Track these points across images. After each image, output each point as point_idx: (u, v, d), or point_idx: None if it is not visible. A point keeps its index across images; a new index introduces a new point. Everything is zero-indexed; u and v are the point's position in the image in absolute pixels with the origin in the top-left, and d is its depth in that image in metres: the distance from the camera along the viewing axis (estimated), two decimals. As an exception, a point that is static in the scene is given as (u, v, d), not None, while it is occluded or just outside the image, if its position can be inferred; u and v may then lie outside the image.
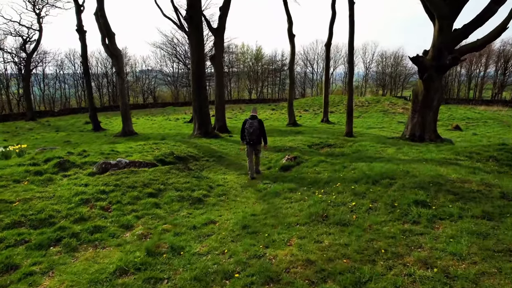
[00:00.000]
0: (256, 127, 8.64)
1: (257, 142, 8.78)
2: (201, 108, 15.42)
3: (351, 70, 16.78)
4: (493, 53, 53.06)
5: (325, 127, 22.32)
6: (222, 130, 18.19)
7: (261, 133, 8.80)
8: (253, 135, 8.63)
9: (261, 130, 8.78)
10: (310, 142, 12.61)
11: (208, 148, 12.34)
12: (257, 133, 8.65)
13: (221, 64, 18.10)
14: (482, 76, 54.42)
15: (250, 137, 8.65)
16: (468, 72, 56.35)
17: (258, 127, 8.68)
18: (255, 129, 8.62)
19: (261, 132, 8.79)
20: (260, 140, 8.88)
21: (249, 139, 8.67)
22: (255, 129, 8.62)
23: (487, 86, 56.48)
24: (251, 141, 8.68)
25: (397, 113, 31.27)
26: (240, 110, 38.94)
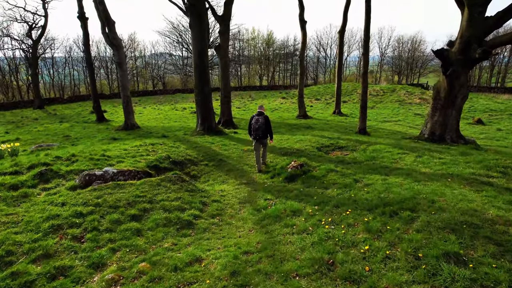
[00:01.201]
0: (262, 123, 9.09)
1: (263, 137, 9.22)
2: (204, 103, 14.49)
3: (366, 62, 15.49)
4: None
5: (337, 120, 21.16)
6: (227, 125, 17.27)
7: (266, 129, 9.20)
8: (258, 131, 9.09)
9: (267, 126, 9.19)
10: (319, 143, 11.59)
11: (209, 149, 11.47)
12: (262, 128, 9.08)
13: (226, 55, 17.01)
14: (506, 62, 51.57)
15: (256, 132, 9.12)
16: (491, 59, 53.48)
17: (264, 123, 9.11)
18: (260, 125, 9.07)
19: (266, 128, 9.19)
20: (266, 135, 9.29)
21: (255, 134, 9.14)
22: (261, 125, 9.08)
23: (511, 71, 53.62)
24: (257, 136, 9.13)
25: (413, 103, 29.72)
26: (250, 99, 37.85)
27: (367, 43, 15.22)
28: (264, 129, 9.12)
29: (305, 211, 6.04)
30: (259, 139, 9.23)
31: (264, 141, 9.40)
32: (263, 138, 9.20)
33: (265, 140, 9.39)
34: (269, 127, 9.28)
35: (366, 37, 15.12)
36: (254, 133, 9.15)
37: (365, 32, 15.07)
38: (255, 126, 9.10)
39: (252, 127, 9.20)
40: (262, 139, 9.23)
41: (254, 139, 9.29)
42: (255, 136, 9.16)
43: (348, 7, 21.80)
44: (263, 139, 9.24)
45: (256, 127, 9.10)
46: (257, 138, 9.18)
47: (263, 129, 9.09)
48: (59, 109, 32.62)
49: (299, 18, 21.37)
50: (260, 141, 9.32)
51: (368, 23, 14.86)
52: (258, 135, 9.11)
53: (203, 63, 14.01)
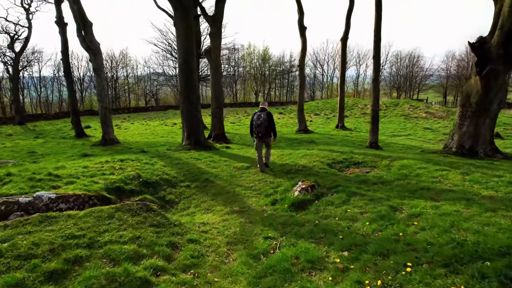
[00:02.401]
0: (264, 119, 8.34)
1: (265, 135, 8.47)
2: (190, 113, 12.35)
3: (377, 66, 13.57)
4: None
5: (341, 135, 19.09)
6: (219, 139, 15.11)
7: (269, 126, 8.42)
8: (260, 127, 8.35)
9: (269, 122, 8.39)
10: (329, 158, 9.42)
11: (193, 167, 9.24)
12: (265, 125, 8.33)
13: (218, 60, 15.06)
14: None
15: (257, 129, 8.39)
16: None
17: (267, 119, 8.35)
18: (262, 121, 8.32)
19: (269, 124, 8.40)
20: (269, 133, 8.53)
21: (257, 131, 8.42)
22: (263, 121, 8.32)
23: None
24: (259, 133, 8.41)
25: (419, 117, 27.87)
26: (245, 114, 35.88)
27: (378, 44, 13.33)
28: (267, 125, 8.35)
29: (330, 262, 3.82)
30: (261, 137, 8.50)
31: (267, 140, 8.65)
32: (265, 136, 8.49)
33: (268, 139, 8.64)
34: (272, 124, 8.48)
35: (376, 38, 13.25)
36: (256, 130, 8.44)
37: (375, 31, 13.22)
38: (257, 122, 8.38)
39: (253, 123, 8.47)
40: (265, 137, 8.51)
41: (256, 137, 8.59)
42: (257, 133, 8.45)
43: (351, 12, 20.17)
44: (265, 137, 8.52)
45: (258, 123, 8.37)
46: (259, 136, 8.46)
47: (265, 125, 8.33)
48: (41, 126, 30.34)
49: (298, 24, 19.66)
50: (263, 140, 8.60)
51: (379, 21, 13.04)
52: (260, 132, 8.37)
53: (190, 66, 11.97)
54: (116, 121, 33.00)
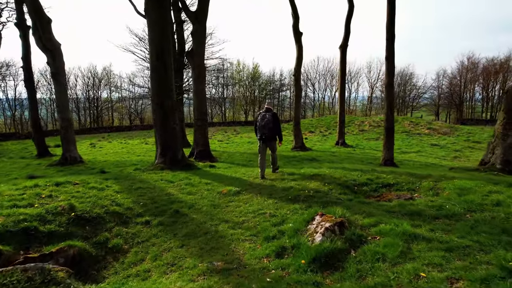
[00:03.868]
0: (269, 119, 7.65)
1: (270, 138, 7.78)
2: (165, 123, 9.84)
3: (391, 69, 11.41)
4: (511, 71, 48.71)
5: (344, 152, 16.73)
6: (202, 157, 12.55)
7: (274, 128, 7.71)
8: (264, 129, 7.68)
9: (275, 123, 7.71)
10: (348, 178, 6.95)
11: (161, 192, 6.65)
12: (269, 126, 7.63)
13: (202, 63, 12.72)
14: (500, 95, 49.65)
15: (261, 130, 7.76)
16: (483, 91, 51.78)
17: (271, 120, 7.65)
18: (267, 121, 7.64)
19: (274, 126, 7.70)
20: (274, 136, 7.82)
21: (261, 133, 7.77)
22: (268, 122, 7.63)
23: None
24: (263, 135, 7.74)
25: (422, 134, 25.89)
26: (234, 132, 33.49)
27: (391, 42, 11.22)
28: (272, 127, 7.68)
29: None
30: (266, 139, 7.83)
31: (272, 143, 7.98)
32: (270, 138, 7.82)
33: (273, 142, 7.96)
34: (277, 125, 7.82)
35: (389, 35, 11.15)
36: (259, 131, 7.85)
37: (388, 27, 11.15)
38: (260, 123, 7.80)
39: (257, 124, 7.91)
40: (269, 140, 7.85)
41: (259, 140, 7.97)
42: (260, 135, 7.83)
43: (351, 16, 18.29)
44: (270, 140, 7.86)
45: (262, 124, 7.76)
46: (263, 138, 7.83)
47: (270, 126, 7.66)
48: (7, 145, 27.31)
49: (293, 29, 17.65)
50: (267, 143, 7.93)
51: (392, 14, 10.99)
52: (264, 133, 7.74)
53: (164, 62, 9.55)
54: (93, 139, 30.25)
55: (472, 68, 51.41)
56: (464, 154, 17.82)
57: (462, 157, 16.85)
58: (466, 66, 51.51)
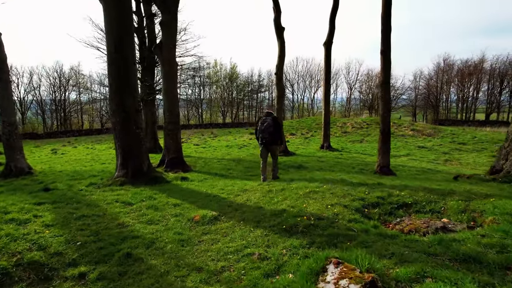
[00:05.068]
0: (269, 124, 7.62)
1: (271, 142, 7.72)
2: (126, 127, 8.15)
3: (387, 64, 10.19)
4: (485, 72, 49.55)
5: (331, 157, 15.45)
6: (174, 166, 10.87)
7: (275, 132, 7.65)
8: (265, 133, 7.66)
9: (275, 128, 7.64)
10: (354, 197, 5.53)
11: (111, 222, 4.97)
12: (270, 130, 7.61)
13: (173, 59, 11.06)
14: (474, 97, 50.45)
15: (262, 135, 7.74)
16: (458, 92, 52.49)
17: (272, 124, 7.62)
18: (267, 126, 7.61)
19: (275, 130, 7.64)
20: (275, 140, 7.75)
21: (261, 137, 7.76)
22: (268, 126, 7.61)
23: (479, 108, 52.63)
24: (264, 139, 7.72)
25: (406, 135, 25.20)
26: (211, 135, 31.78)
27: (387, 34, 10.01)
28: (272, 131, 7.63)
29: None
30: (266, 143, 7.77)
31: (273, 147, 7.92)
32: (271, 142, 7.76)
33: (274, 146, 7.91)
34: (278, 129, 7.75)
35: (385, 26, 9.94)
36: (260, 135, 7.80)
37: (383, 18, 9.94)
38: (261, 128, 7.75)
39: (258, 129, 7.85)
40: (270, 144, 7.78)
41: (260, 144, 7.95)
42: (261, 139, 7.79)
43: (335, 12, 17.11)
44: (271, 144, 7.79)
45: (262, 129, 7.72)
46: (264, 143, 7.76)
47: (270, 131, 7.62)
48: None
49: (274, 24, 16.26)
50: (268, 147, 7.88)
51: (388, 4, 9.78)
52: (265, 138, 7.69)
53: (124, 55, 7.87)
54: (57, 144, 27.73)
55: (447, 70, 52.03)
56: (454, 157, 17.01)
57: (453, 160, 16.00)
58: (442, 68, 52.07)
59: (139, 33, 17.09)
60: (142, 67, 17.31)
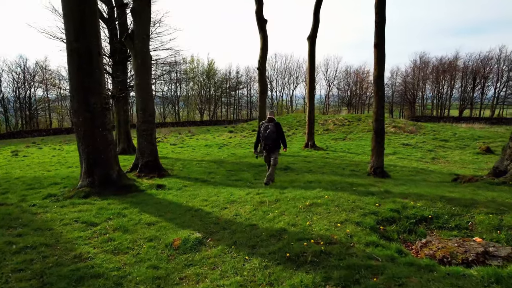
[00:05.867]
0: (272, 130, 7.61)
1: (273, 148, 7.73)
2: (91, 128, 6.97)
3: (381, 58, 9.47)
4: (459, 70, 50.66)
5: (318, 157, 14.69)
6: (149, 170, 9.73)
7: (278, 137, 7.71)
8: (268, 140, 7.63)
9: (278, 134, 7.67)
10: (359, 209, 4.68)
11: (62, 255, 3.85)
12: (273, 137, 7.62)
13: (146, 49, 9.87)
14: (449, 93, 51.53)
15: (265, 142, 7.71)
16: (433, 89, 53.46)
17: (275, 131, 7.62)
18: (270, 133, 7.60)
19: (278, 136, 7.69)
20: (277, 146, 7.77)
21: (264, 144, 7.75)
22: (271, 133, 7.60)
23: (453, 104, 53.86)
24: (267, 146, 7.73)
25: (389, 132, 24.88)
26: (189, 134, 30.49)
27: (381, 25, 9.27)
28: (275, 137, 7.64)
29: None
30: (269, 150, 7.77)
31: (275, 154, 7.81)
32: (273, 149, 7.75)
33: (276, 152, 7.83)
34: (281, 134, 7.74)
35: (379, 17, 9.18)
36: (263, 142, 7.77)
37: (377, 7, 9.18)
38: (264, 134, 7.71)
39: (260, 135, 7.85)
40: (273, 150, 7.77)
41: (264, 150, 7.95)
42: (264, 146, 7.79)
43: (320, 5, 16.34)
44: (273, 150, 7.77)
45: (265, 135, 7.67)
46: (267, 149, 7.78)
47: (273, 137, 7.60)
48: None
49: (256, 16, 15.30)
50: (270, 152, 7.81)
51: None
52: (268, 144, 7.69)
53: (88, 47, 6.69)
54: (21, 145, 25.63)
55: (423, 67, 52.84)
56: (440, 155, 16.71)
57: (440, 158, 15.65)
58: (419, 65, 52.85)
59: (109, 24, 15.65)
60: (113, 61, 15.90)
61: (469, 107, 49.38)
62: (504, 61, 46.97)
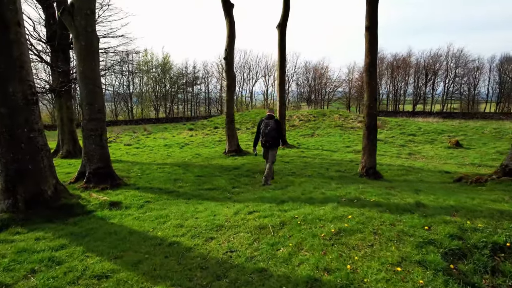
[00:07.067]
0: (273, 127, 7.58)
1: (273, 145, 7.67)
2: (11, 129, 4.98)
3: (374, 43, 8.30)
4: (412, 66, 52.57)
5: (294, 156, 13.34)
6: (99, 180, 7.75)
7: (278, 135, 7.67)
8: (268, 136, 7.59)
9: (278, 131, 7.67)
10: (410, 238, 3.35)
11: None
12: (273, 134, 7.57)
13: (92, 28, 7.80)
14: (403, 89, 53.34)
15: (265, 138, 7.65)
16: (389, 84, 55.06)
17: (275, 128, 7.60)
18: (271, 129, 7.56)
19: (278, 133, 7.66)
20: (277, 143, 7.74)
21: (265, 141, 7.68)
22: (271, 130, 7.56)
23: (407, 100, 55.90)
24: (267, 143, 7.66)
25: (356, 128, 24.44)
26: (145, 133, 27.95)
27: (373, 7, 8.09)
28: (275, 134, 7.59)
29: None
30: (269, 147, 7.70)
31: (273, 151, 7.76)
32: (273, 145, 7.66)
33: (275, 150, 7.79)
34: (280, 132, 7.73)
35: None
36: (263, 139, 7.68)
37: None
38: (264, 131, 7.64)
39: (261, 131, 7.77)
40: (272, 146, 7.67)
41: (263, 146, 7.86)
42: (264, 142, 7.69)
43: (290, -11, 15.01)
44: (273, 146, 7.68)
45: (266, 132, 7.60)
46: (267, 146, 7.71)
47: (273, 134, 7.55)
48: None
49: (221, 0, 13.59)
50: (269, 150, 7.75)
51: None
52: (268, 141, 7.61)
53: (1, 18, 4.71)
54: None
55: (379, 64, 54.11)
56: (414, 150, 16.24)
57: (416, 154, 15.12)
58: (375, 61, 53.98)
59: (43, 2, 13.05)
60: (52, 48, 13.33)
61: (421, 102, 51.42)
62: (452, 58, 49.47)
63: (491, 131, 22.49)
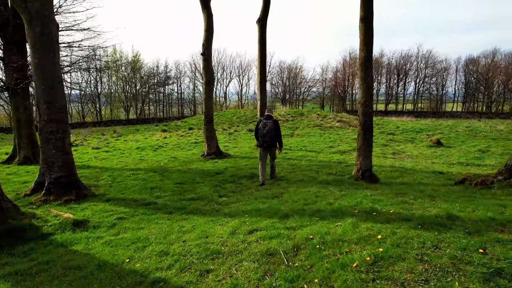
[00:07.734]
0: (271, 128, 7.64)
1: (271, 145, 7.77)
2: None
3: (369, 35, 7.67)
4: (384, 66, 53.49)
5: (278, 157, 12.57)
6: (61, 191, 6.60)
7: (276, 135, 7.72)
8: (266, 137, 7.64)
9: (276, 131, 7.73)
10: (468, 267, 2.66)
11: None
12: (271, 134, 7.63)
13: (49, 11, 6.60)
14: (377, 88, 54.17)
15: (263, 138, 7.71)
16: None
17: (273, 128, 7.66)
18: (269, 130, 7.61)
19: (276, 133, 7.72)
20: (275, 143, 7.83)
21: (263, 141, 7.74)
22: (269, 130, 7.61)
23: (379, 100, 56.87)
24: (265, 143, 7.70)
25: (335, 127, 24.11)
26: (115, 135, 26.29)
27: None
28: (273, 135, 7.66)
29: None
30: (267, 147, 7.75)
31: (273, 151, 7.95)
32: (271, 145, 7.75)
33: (273, 150, 7.95)
34: (278, 133, 7.84)
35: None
36: (261, 139, 7.74)
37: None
38: (262, 131, 7.69)
39: (259, 131, 7.79)
40: (270, 146, 7.77)
41: (260, 147, 7.85)
42: (262, 143, 7.73)
43: (271, -18, 14.24)
44: (271, 146, 7.78)
45: (264, 132, 7.66)
46: (265, 146, 7.72)
47: (271, 134, 7.63)
48: None
49: (198, -10, 12.59)
50: (267, 150, 7.83)
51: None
52: (266, 141, 7.67)
53: None
54: None
55: (352, 63, 54.70)
56: (397, 149, 15.94)
57: (401, 153, 14.77)
58: (348, 61, 54.54)
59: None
60: (4, 40, 11.79)
61: (393, 102, 52.43)
62: (422, 59, 50.80)
63: (464, 130, 22.80)
